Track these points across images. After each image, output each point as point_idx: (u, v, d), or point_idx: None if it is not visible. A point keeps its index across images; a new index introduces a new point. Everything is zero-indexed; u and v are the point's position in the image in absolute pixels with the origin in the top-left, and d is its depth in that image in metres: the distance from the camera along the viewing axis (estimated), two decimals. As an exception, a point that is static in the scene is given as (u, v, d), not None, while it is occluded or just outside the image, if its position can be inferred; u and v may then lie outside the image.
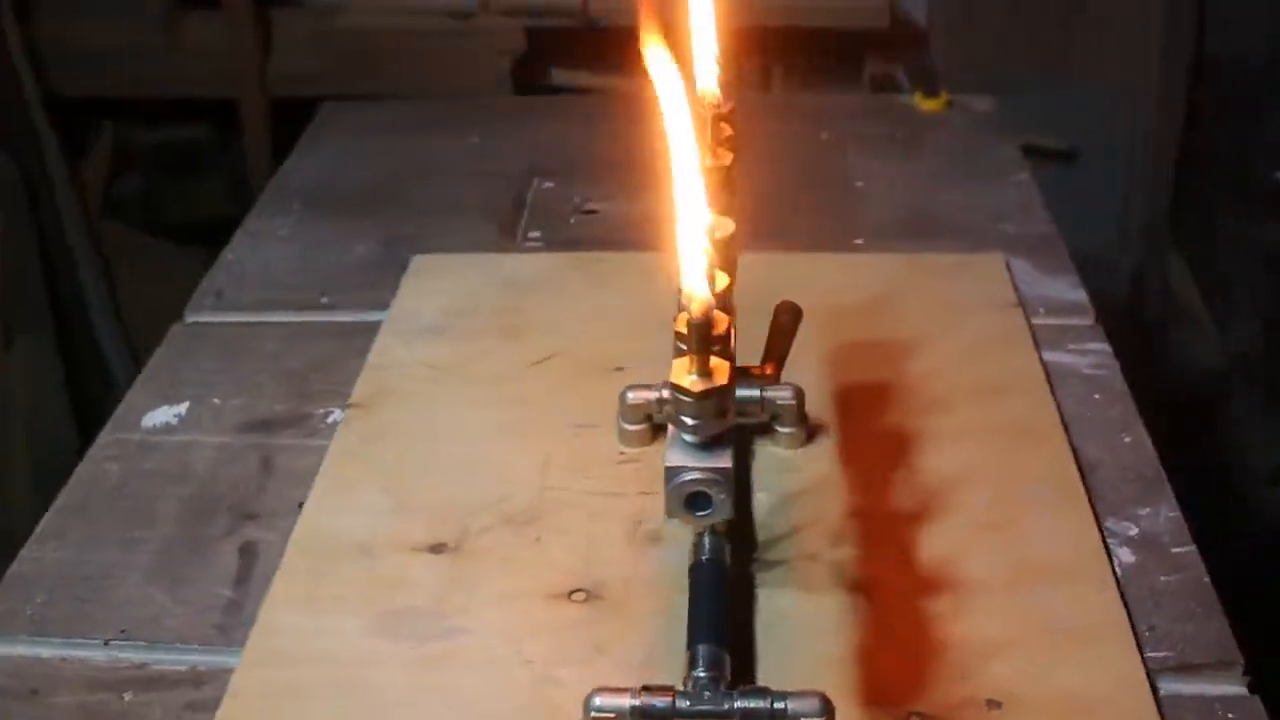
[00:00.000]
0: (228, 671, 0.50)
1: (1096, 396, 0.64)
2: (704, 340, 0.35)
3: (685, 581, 0.48)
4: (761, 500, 0.57)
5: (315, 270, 0.78)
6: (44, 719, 0.49)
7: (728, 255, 0.38)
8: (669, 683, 0.44)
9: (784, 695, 0.43)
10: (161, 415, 0.66)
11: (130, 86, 1.44)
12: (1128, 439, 0.61)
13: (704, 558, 0.49)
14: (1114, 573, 0.52)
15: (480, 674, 0.49)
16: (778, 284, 0.70)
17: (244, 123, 1.44)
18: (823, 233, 0.78)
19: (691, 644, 0.46)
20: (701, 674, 0.44)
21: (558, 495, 0.57)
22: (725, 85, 0.48)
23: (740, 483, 0.57)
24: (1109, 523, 0.56)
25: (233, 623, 0.53)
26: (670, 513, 0.36)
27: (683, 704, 0.43)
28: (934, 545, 0.54)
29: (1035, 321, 0.69)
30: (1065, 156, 1.37)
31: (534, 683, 0.48)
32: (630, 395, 0.56)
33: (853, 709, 0.46)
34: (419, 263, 0.76)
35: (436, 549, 0.55)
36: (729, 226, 0.38)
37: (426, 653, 0.50)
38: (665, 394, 0.51)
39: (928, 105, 0.93)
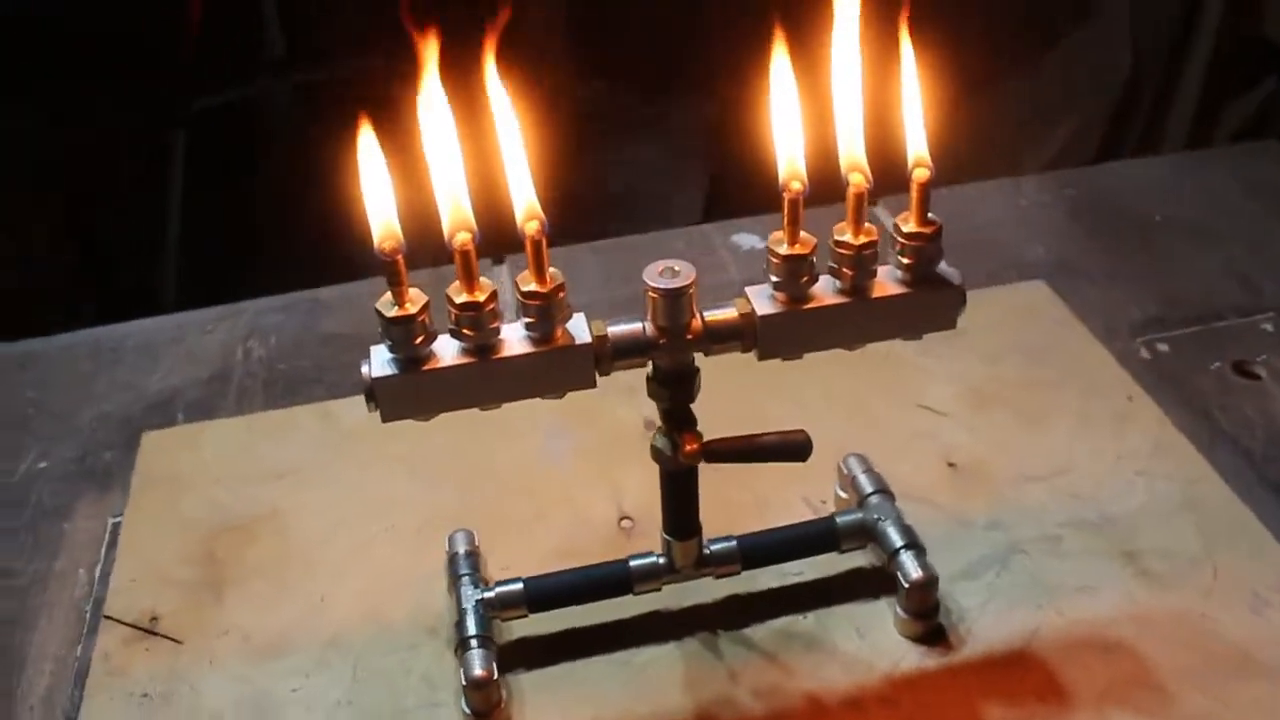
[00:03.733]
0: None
1: None
2: (393, 276, 0.40)
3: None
4: (805, 622, 0.52)
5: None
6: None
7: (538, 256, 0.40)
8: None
9: (486, 657, 0.48)
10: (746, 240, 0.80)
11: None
12: None
13: (630, 560, 0.51)
14: None
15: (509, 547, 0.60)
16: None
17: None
18: None
19: (525, 584, 0.51)
20: (479, 599, 0.50)
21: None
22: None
23: (808, 595, 0.53)
24: None
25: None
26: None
27: (465, 592, 0.51)
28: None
29: None
30: None
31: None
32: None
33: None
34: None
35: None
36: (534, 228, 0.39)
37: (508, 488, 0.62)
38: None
39: None
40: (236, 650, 0.53)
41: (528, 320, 0.43)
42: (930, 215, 0.44)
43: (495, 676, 0.48)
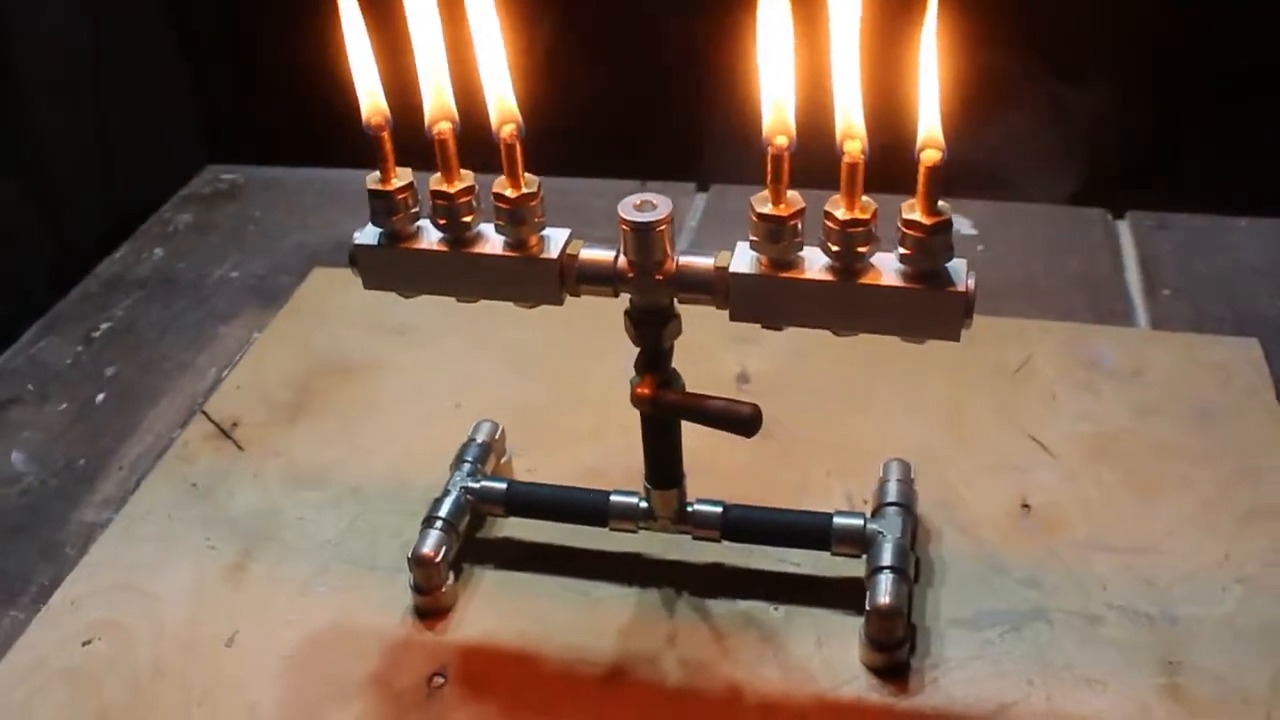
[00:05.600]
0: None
1: None
2: (379, 151, 0.41)
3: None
4: (772, 614, 0.49)
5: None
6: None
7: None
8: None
9: (438, 540, 0.49)
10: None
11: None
12: None
13: (611, 494, 0.50)
14: None
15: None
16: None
17: None
18: None
19: (508, 485, 0.52)
20: (463, 485, 0.51)
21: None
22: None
23: (791, 587, 0.50)
24: None
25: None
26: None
27: (455, 477, 0.52)
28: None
29: None
30: None
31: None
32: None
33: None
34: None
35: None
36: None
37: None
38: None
39: None
40: (279, 471, 0.58)
41: (498, 223, 0.43)
42: (940, 205, 0.39)
43: (439, 559, 0.49)
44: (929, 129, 0.38)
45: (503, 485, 0.52)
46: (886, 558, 0.47)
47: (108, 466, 0.60)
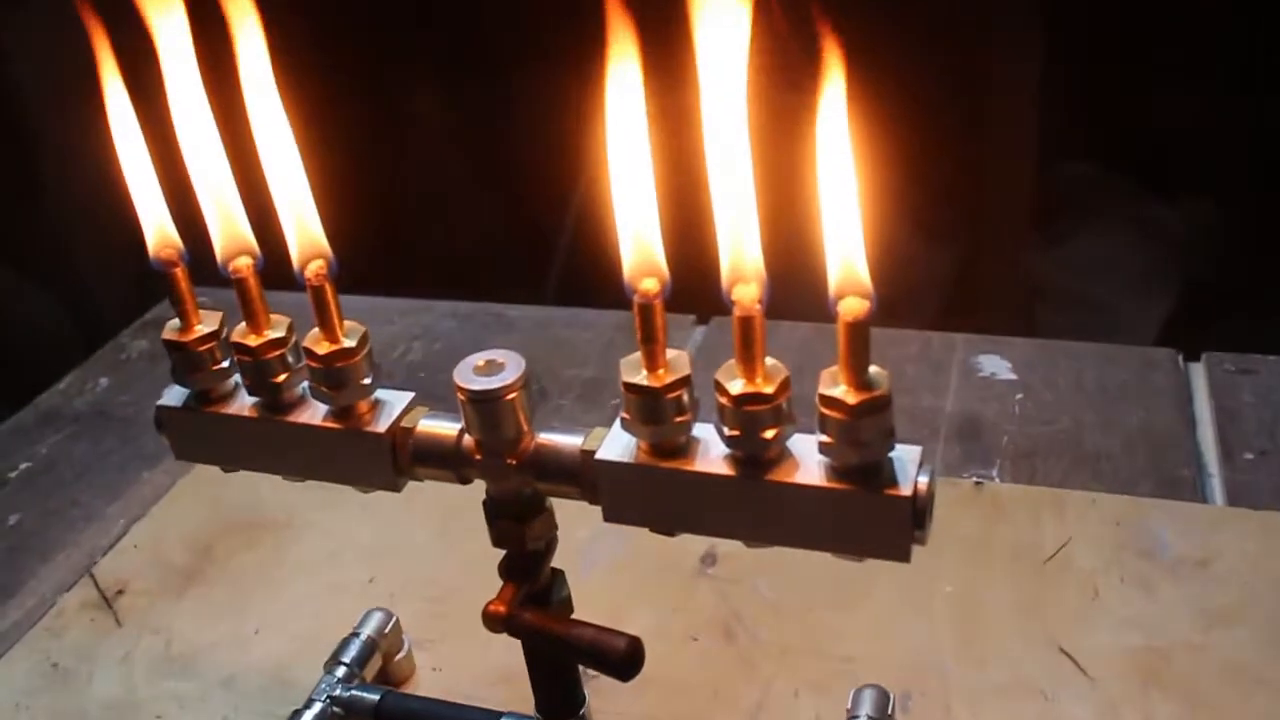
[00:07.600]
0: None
1: None
2: (173, 292, 0.32)
3: None
4: None
5: None
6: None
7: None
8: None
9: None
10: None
11: None
12: None
13: (503, 717, 0.40)
14: None
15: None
16: None
17: None
18: None
19: (382, 697, 0.42)
20: (331, 694, 0.42)
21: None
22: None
23: None
24: None
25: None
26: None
27: (324, 681, 0.43)
28: None
29: None
30: None
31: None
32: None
33: None
34: None
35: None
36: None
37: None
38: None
39: None
40: (152, 654, 0.49)
41: (312, 385, 0.33)
42: (873, 374, 0.28)
43: (280, 793, 0.39)
44: (845, 268, 0.27)
45: (376, 696, 0.42)
46: (834, 831, 0.36)
47: (-24, 638, 0.52)
